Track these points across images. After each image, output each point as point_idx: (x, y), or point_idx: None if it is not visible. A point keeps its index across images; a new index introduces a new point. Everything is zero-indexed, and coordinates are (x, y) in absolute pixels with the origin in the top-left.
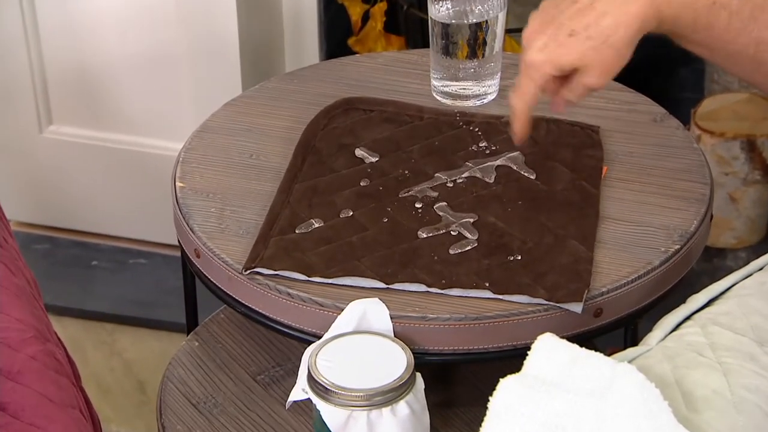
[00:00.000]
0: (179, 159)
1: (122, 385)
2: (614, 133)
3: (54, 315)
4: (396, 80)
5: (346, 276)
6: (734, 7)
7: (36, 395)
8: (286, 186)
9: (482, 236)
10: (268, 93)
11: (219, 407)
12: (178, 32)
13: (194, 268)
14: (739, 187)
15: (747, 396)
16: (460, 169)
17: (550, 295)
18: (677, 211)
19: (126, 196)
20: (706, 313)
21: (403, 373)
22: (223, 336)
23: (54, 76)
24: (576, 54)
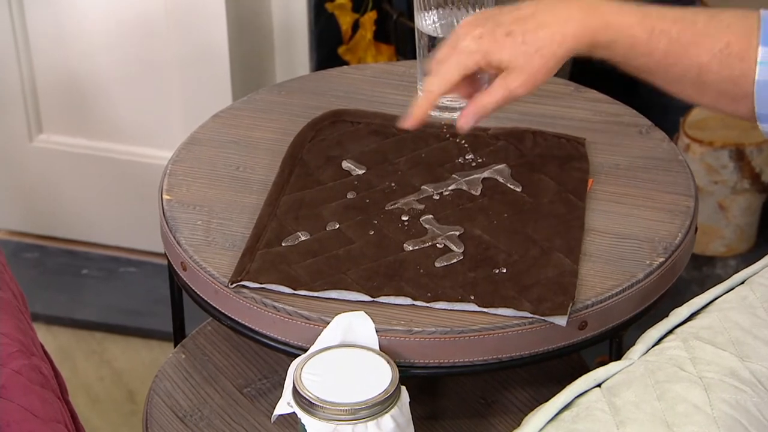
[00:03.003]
0: (166, 171)
1: (112, 395)
2: (600, 145)
3: (44, 324)
4: (383, 92)
5: (332, 289)
6: (674, 33)
7: (21, 410)
8: (273, 198)
9: (468, 249)
10: (256, 105)
11: (205, 420)
12: (168, 42)
13: (181, 281)
14: (728, 196)
15: (728, 411)
16: (447, 181)
17: (535, 308)
18: (662, 223)
19: (116, 205)
20: (688, 327)
21: (388, 387)
22: (209, 348)
23: (44, 86)
24: (509, 53)
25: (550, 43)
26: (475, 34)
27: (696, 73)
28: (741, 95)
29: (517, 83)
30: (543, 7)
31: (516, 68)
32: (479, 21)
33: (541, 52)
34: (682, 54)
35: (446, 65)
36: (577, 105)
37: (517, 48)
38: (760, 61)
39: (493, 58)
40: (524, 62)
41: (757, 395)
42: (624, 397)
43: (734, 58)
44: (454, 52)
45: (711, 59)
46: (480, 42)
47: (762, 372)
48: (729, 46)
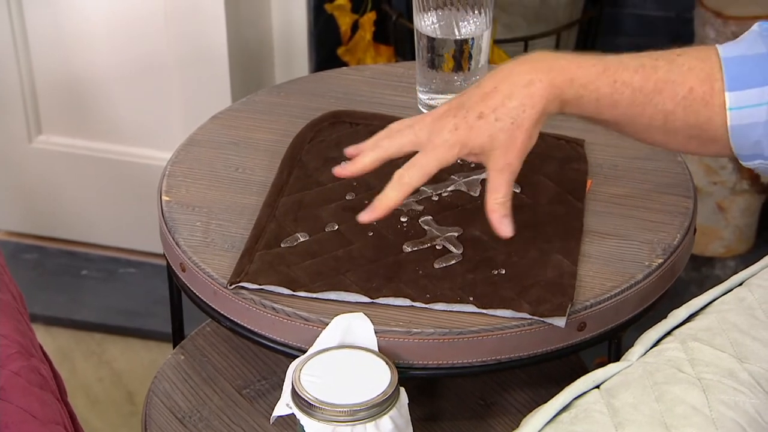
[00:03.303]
0: (165, 172)
1: (111, 396)
2: (599, 146)
3: (43, 325)
4: (382, 93)
5: (331, 290)
6: (637, 83)
7: (20, 412)
8: (272, 200)
9: (467, 250)
10: (255, 106)
11: (204, 421)
12: (167, 42)
13: (180, 282)
14: (727, 197)
15: (726, 412)
16: (446, 182)
17: (534, 309)
18: (661, 224)
19: (115, 206)
20: (687, 328)
21: (386, 388)
22: (208, 349)
23: (43, 86)
24: (486, 136)
25: (522, 111)
26: (450, 126)
27: (662, 121)
28: (709, 139)
29: (508, 160)
30: (502, 78)
31: (499, 147)
32: (450, 111)
33: (517, 122)
34: (647, 103)
35: (424, 158)
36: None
37: (493, 127)
38: (730, 107)
39: (473, 145)
40: (504, 138)
41: (755, 396)
42: (622, 399)
43: (698, 103)
44: (431, 148)
45: (675, 107)
46: (457, 133)
47: (760, 373)
48: (692, 92)
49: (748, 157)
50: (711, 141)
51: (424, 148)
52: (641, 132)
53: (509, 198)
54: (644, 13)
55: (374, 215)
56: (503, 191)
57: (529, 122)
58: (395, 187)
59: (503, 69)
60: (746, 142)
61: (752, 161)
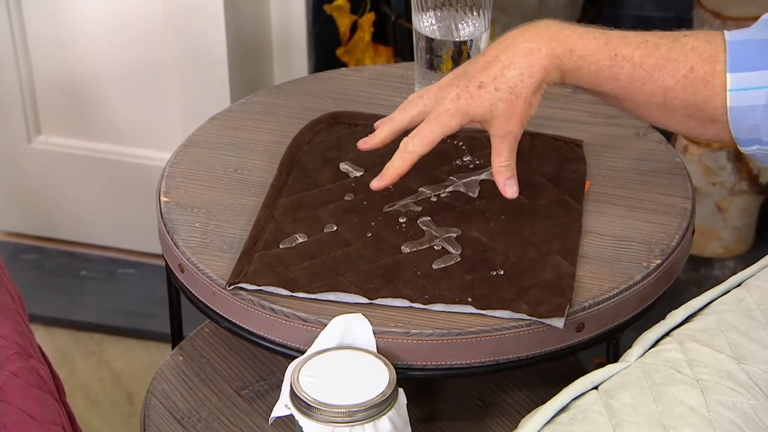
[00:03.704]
0: (164, 173)
1: (110, 396)
2: (597, 147)
3: (42, 325)
4: (381, 94)
5: (330, 291)
6: (637, 59)
7: (18, 413)
8: (271, 200)
9: (465, 251)
10: (254, 107)
11: (203, 422)
12: (167, 43)
13: (178, 283)
14: (725, 197)
15: (724, 413)
16: (444, 183)
17: (533, 310)
18: (659, 225)
19: (115, 206)
20: (685, 329)
21: (385, 389)
22: (207, 350)
23: (43, 87)
24: (486, 105)
25: (520, 80)
26: (452, 95)
27: (661, 98)
28: (706, 119)
29: (509, 128)
30: (505, 47)
31: (500, 116)
32: (454, 80)
33: (516, 92)
34: (647, 79)
35: (427, 127)
36: (575, 107)
37: (492, 96)
38: (730, 88)
39: (474, 114)
40: (504, 107)
41: (753, 397)
42: (621, 400)
43: (698, 82)
44: (434, 116)
45: (675, 84)
46: (459, 102)
47: (758, 374)
48: (693, 71)
49: (745, 141)
50: (709, 121)
51: (429, 117)
52: (640, 108)
53: (512, 161)
54: (643, 14)
55: (383, 183)
56: (505, 155)
57: (527, 91)
58: (400, 156)
59: (507, 37)
60: (744, 125)
61: (749, 146)
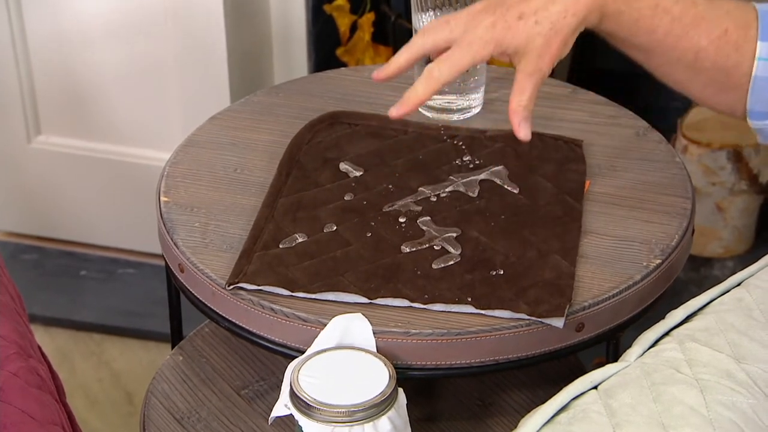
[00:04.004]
0: (164, 173)
1: (110, 396)
2: (597, 147)
3: (42, 325)
4: (381, 94)
5: (329, 291)
6: (676, 13)
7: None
8: (271, 200)
9: (465, 251)
10: (254, 107)
11: (203, 422)
12: (166, 43)
13: (178, 283)
14: (725, 197)
15: (724, 413)
16: (444, 183)
17: (532, 310)
18: (659, 225)
19: (115, 206)
20: (684, 329)
21: (385, 389)
22: (207, 350)
23: (43, 87)
24: (523, 37)
25: (563, 17)
26: (487, 23)
27: (692, 58)
28: (729, 86)
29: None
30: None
31: (534, 50)
32: (489, 8)
33: (556, 28)
34: (682, 35)
35: (457, 53)
36: (575, 107)
37: (531, 30)
38: (759, 57)
39: (508, 45)
40: (541, 43)
41: (753, 397)
42: (620, 399)
43: (731, 46)
44: (465, 42)
45: (709, 44)
46: (494, 31)
47: (758, 374)
48: (727, 33)
49: (759, 114)
50: (731, 88)
51: (459, 43)
52: (668, 65)
53: (533, 102)
54: None
55: (403, 110)
56: (528, 94)
57: (568, 29)
58: (424, 82)
59: None
60: (764, 96)
61: (761, 120)
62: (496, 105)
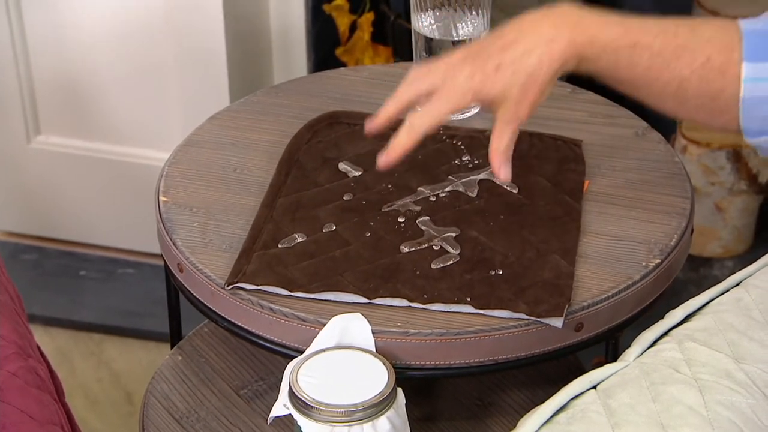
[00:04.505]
0: (163, 173)
1: (110, 396)
2: (596, 147)
3: (42, 325)
4: (380, 94)
5: (329, 291)
6: (656, 47)
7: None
8: (270, 200)
9: (464, 251)
10: (253, 107)
11: (202, 422)
12: (166, 43)
13: (177, 283)
14: (725, 197)
15: (723, 412)
16: (443, 183)
17: (531, 309)
18: (658, 225)
19: (114, 206)
20: (683, 329)
21: (384, 389)
22: (206, 350)
23: (42, 87)
24: (500, 88)
25: (539, 67)
26: (466, 73)
27: (676, 87)
28: (719, 110)
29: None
30: (526, 29)
31: (511, 99)
32: (467, 58)
33: (533, 77)
34: (664, 68)
35: (436, 104)
36: (574, 107)
37: (509, 80)
38: (745, 78)
39: (486, 95)
40: (517, 92)
41: (751, 397)
42: (619, 399)
43: (715, 72)
44: (445, 92)
45: (691, 74)
46: (472, 82)
47: (757, 374)
48: (710, 61)
49: (754, 132)
50: (720, 112)
51: (438, 94)
52: (653, 96)
53: (512, 147)
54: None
55: (390, 158)
56: (506, 141)
57: (544, 78)
58: (407, 131)
59: (526, 21)
60: (756, 115)
61: (758, 137)
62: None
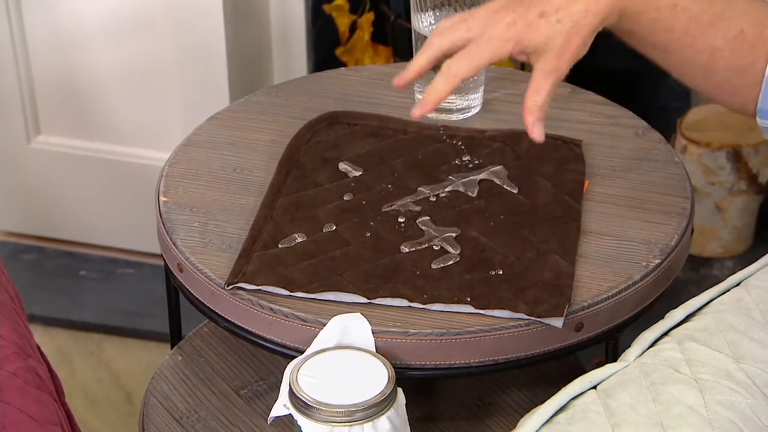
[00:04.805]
0: (163, 173)
1: (109, 396)
2: (596, 146)
3: (41, 325)
4: (380, 93)
5: (329, 291)
6: (694, 12)
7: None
8: (270, 200)
9: (464, 251)
10: (253, 107)
11: (202, 422)
12: (166, 43)
13: (177, 283)
14: (725, 197)
15: (722, 412)
16: (443, 183)
17: (531, 309)
18: (658, 225)
19: (114, 206)
20: (683, 329)
21: (384, 389)
22: (206, 350)
23: (42, 87)
24: (544, 36)
25: (584, 16)
26: (507, 20)
27: (708, 57)
28: (743, 86)
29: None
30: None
31: (554, 49)
32: (509, 5)
33: (577, 27)
34: (699, 34)
35: (476, 50)
36: (574, 107)
37: (552, 28)
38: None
39: (529, 43)
40: (561, 42)
41: (751, 397)
42: (619, 399)
43: (746, 46)
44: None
45: (725, 44)
46: (514, 29)
47: (757, 374)
48: (743, 33)
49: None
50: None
51: (478, 40)
52: (684, 64)
53: (548, 102)
54: None
55: (424, 109)
56: (544, 94)
57: (588, 28)
58: (443, 79)
59: None
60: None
61: None
62: (495, 105)
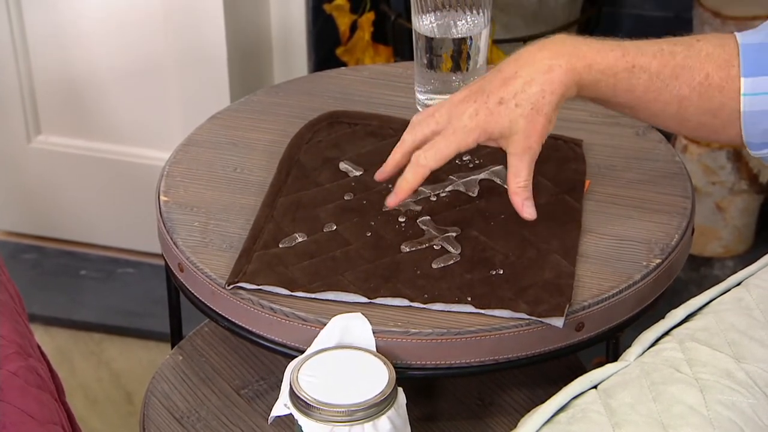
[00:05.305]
0: (163, 173)
1: (110, 396)
2: (597, 146)
3: (42, 325)
4: (381, 93)
5: (329, 291)
6: (654, 68)
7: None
8: (270, 200)
9: (465, 250)
10: (253, 106)
11: (202, 421)
12: (166, 43)
13: (178, 282)
14: (725, 197)
15: (723, 412)
16: (444, 182)
17: (532, 309)
18: (659, 224)
19: (114, 206)
20: (684, 328)
21: (384, 388)
22: (206, 349)
23: (42, 86)
24: (506, 121)
25: (542, 96)
26: (470, 111)
27: (677, 107)
28: (721, 126)
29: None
30: (524, 62)
31: (519, 132)
32: (470, 96)
33: (537, 107)
34: (663, 88)
35: (443, 141)
36: (575, 106)
37: (513, 112)
38: (744, 93)
39: (493, 130)
40: (524, 124)
41: (752, 396)
42: (620, 399)
43: (714, 89)
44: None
45: (691, 92)
46: (477, 118)
47: (757, 373)
48: (708, 77)
49: (757, 145)
50: (722, 128)
51: (444, 132)
52: (655, 117)
53: (530, 181)
54: (643, 13)
55: (397, 199)
56: (524, 175)
57: (549, 107)
58: (412, 170)
59: (523, 54)
60: (757, 129)
61: (761, 150)
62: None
